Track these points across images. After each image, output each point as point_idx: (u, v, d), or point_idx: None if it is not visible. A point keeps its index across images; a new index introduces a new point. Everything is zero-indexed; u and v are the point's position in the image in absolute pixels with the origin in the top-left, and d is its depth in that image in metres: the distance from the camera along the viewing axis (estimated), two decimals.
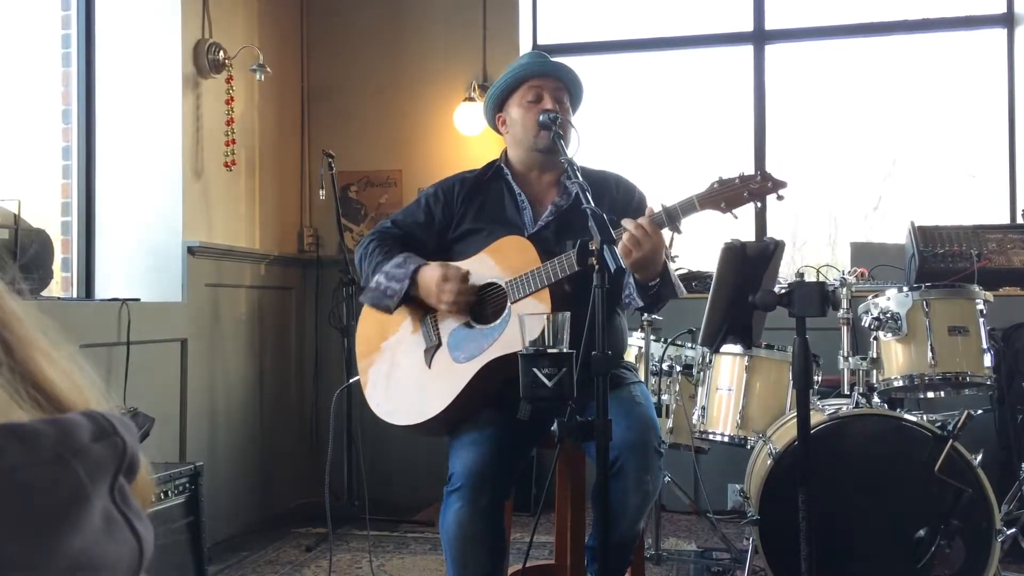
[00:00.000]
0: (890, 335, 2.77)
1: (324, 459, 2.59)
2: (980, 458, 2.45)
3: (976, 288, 2.80)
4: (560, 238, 2.14)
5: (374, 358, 2.27)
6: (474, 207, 2.28)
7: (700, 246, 4.12)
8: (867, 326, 2.82)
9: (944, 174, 4.48)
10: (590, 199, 1.86)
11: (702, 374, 3.12)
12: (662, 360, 3.18)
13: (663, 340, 3.26)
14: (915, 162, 4.57)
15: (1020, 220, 3.91)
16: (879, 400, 2.74)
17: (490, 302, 2.16)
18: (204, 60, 3.63)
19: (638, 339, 3.18)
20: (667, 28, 4.53)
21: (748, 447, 2.97)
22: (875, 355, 2.81)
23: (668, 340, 3.24)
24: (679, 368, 3.20)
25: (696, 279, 3.90)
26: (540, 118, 2.16)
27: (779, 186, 1.97)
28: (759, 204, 2.01)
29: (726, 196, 1.97)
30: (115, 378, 2.96)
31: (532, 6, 4.54)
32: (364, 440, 3.66)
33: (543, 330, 1.71)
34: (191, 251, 3.51)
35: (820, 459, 2.37)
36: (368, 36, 4.48)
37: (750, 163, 4.30)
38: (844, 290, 2.76)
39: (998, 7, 4.18)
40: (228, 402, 3.81)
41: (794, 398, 2.54)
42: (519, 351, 1.72)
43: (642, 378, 2.95)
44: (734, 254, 2.04)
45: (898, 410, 2.70)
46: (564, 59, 2.57)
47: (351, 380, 2.40)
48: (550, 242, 2.14)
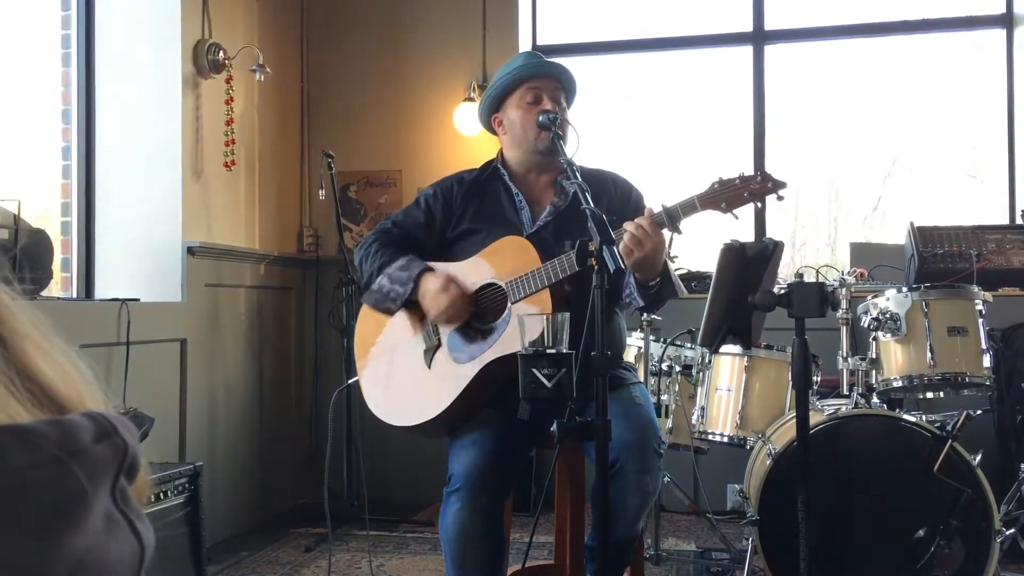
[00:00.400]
0: (889, 335, 2.77)
1: (323, 459, 2.59)
2: (979, 458, 2.45)
3: (975, 288, 2.80)
4: (559, 238, 2.14)
5: (374, 359, 2.27)
6: (472, 207, 2.28)
7: (700, 246, 4.12)
8: (866, 326, 2.82)
9: (943, 175, 4.48)
10: (589, 199, 1.86)
11: (701, 374, 3.12)
12: (661, 360, 3.18)
13: (662, 340, 3.26)
14: (914, 162, 4.57)
15: (1019, 221, 3.90)
16: (878, 400, 2.75)
17: (490, 302, 2.16)
18: (204, 60, 3.63)
19: (637, 339, 3.18)
20: (667, 28, 4.54)
21: (747, 447, 2.97)
22: (874, 355, 2.81)
23: (667, 340, 3.24)
24: (678, 368, 3.20)
25: (696, 279, 3.90)
26: (539, 119, 2.16)
27: (779, 186, 1.97)
28: (759, 204, 2.01)
29: (726, 196, 1.97)
30: (115, 378, 2.96)
31: (532, 6, 4.54)
32: (363, 440, 3.66)
33: (542, 331, 1.71)
34: (191, 251, 3.51)
35: (819, 459, 2.37)
36: (368, 36, 4.48)
37: (749, 163, 4.30)
38: (843, 290, 2.77)
39: (997, 7, 4.18)
40: (228, 402, 3.81)
41: (793, 398, 2.55)
42: (519, 352, 1.73)
43: (641, 378, 2.95)
44: (733, 254, 2.04)
45: (897, 410, 2.71)
46: (564, 59, 2.58)
47: (350, 380, 2.40)
48: (549, 242, 2.14)
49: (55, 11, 3.54)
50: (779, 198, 1.99)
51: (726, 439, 3.03)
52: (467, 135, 4.24)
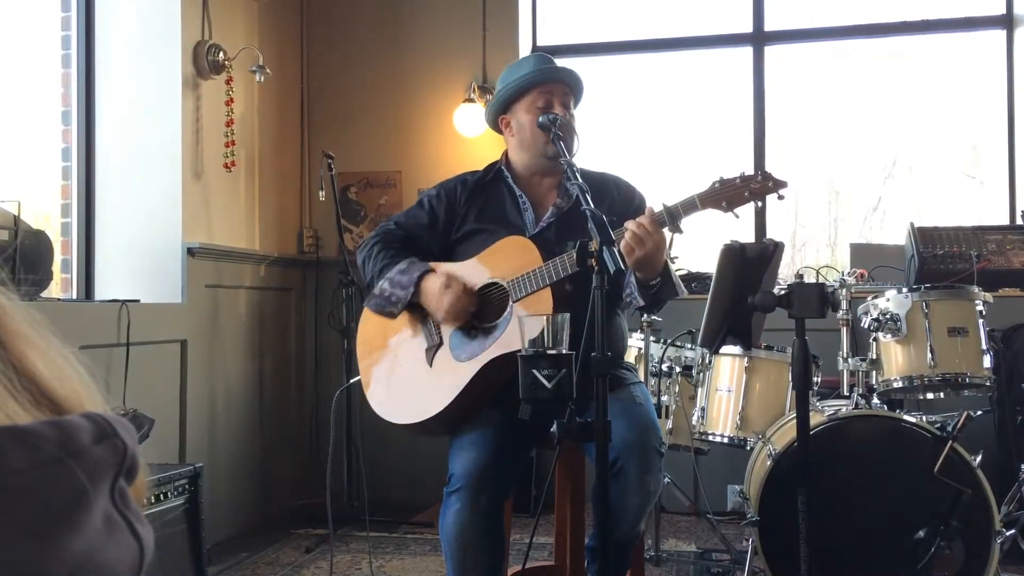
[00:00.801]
0: (889, 336, 2.77)
1: (323, 460, 2.59)
2: (979, 459, 2.45)
3: (976, 289, 2.80)
4: (561, 239, 2.14)
5: (375, 357, 2.27)
6: (476, 208, 2.29)
7: (700, 247, 4.12)
8: (867, 327, 2.82)
9: (944, 175, 4.48)
10: (590, 200, 1.87)
11: (702, 375, 3.12)
12: (662, 361, 3.18)
13: (663, 341, 3.26)
14: (915, 163, 4.57)
15: (1020, 221, 3.90)
16: (879, 401, 2.75)
17: (492, 301, 2.17)
18: (204, 61, 3.63)
19: (638, 340, 3.18)
20: (667, 29, 4.53)
21: (748, 448, 2.97)
22: (874, 356, 2.81)
23: (668, 341, 3.25)
24: (679, 369, 3.20)
25: (696, 280, 3.90)
26: (539, 119, 2.17)
27: (779, 186, 1.98)
28: (760, 204, 2.02)
29: (727, 195, 1.99)
30: (115, 379, 2.96)
31: (532, 7, 4.54)
32: (364, 441, 3.66)
33: (542, 331, 1.71)
34: (191, 252, 3.51)
35: (820, 460, 2.37)
36: (368, 37, 4.48)
37: (750, 164, 4.30)
38: (843, 291, 2.77)
39: (997, 8, 4.18)
40: (228, 403, 3.81)
41: (794, 399, 2.55)
42: (519, 352, 1.73)
43: (641, 379, 2.96)
44: (733, 255, 2.04)
45: (897, 411, 2.71)
46: (564, 60, 2.58)
47: (352, 380, 2.40)
48: (551, 243, 2.15)
49: (55, 12, 3.54)
50: (780, 197, 2.00)
51: (726, 440, 3.03)
52: (467, 136, 4.25)
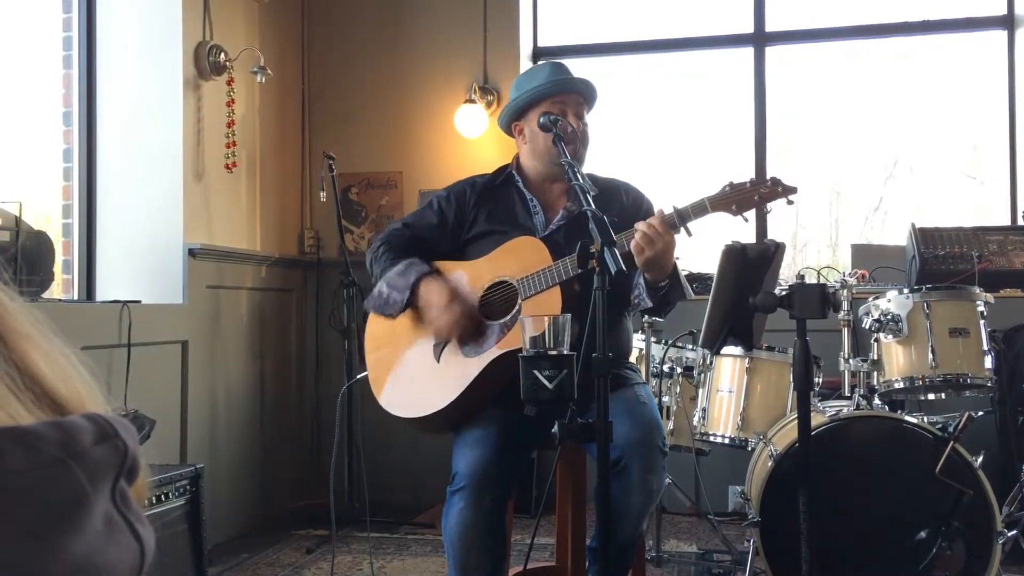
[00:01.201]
0: (891, 337, 2.76)
1: (324, 461, 2.59)
2: (981, 460, 2.45)
3: (977, 290, 2.79)
4: (571, 242, 2.16)
5: (383, 353, 2.29)
6: (486, 210, 2.32)
7: (701, 248, 4.12)
8: (868, 328, 2.82)
9: (945, 176, 4.48)
10: (590, 201, 1.88)
11: (703, 376, 3.12)
12: (663, 362, 3.18)
13: (664, 342, 3.26)
14: (916, 164, 4.57)
15: (1021, 222, 3.90)
16: (880, 402, 2.74)
17: (501, 299, 2.18)
18: (205, 62, 3.64)
19: (639, 341, 3.18)
20: (667, 30, 4.53)
21: (749, 449, 2.97)
22: (876, 357, 2.80)
23: (669, 342, 3.25)
24: (680, 370, 3.21)
25: (697, 281, 3.89)
26: (540, 120, 2.18)
27: (789, 191, 2.02)
28: (769, 209, 2.04)
29: (737, 199, 2.02)
30: (116, 380, 2.96)
31: (532, 8, 4.54)
32: (365, 442, 3.66)
33: (544, 332, 1.71)
34: (192, 253, 3.52)
35: (821, 461, 2.37)
36: (368, 38, 4.48)
37: (751, 164, 4.30)
38: (845, 292, 2.76)
39: (998, 9, 4.18)
40: (229, 404, 3.81)
41: (795, 400, 2.55)
42: (520, 353, 1.73)
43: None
44: (735, 256, 2.05)
45: (899, 412, 2.70)
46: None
47: (360, 376, 2.40)
48: (561, 246, 2.17)
49: (56, 13, 3.54)
50: (789, 203, 2.05)
51: (727, 440, 3.03)
52: (468, 137, 4.25)
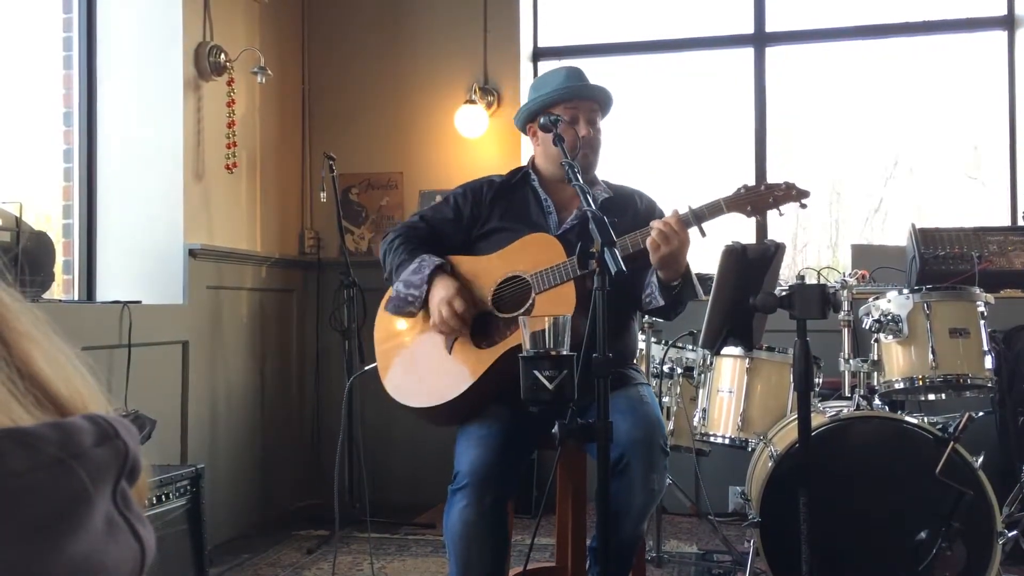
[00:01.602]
0: (891, 337, 2.76)
1: (324, 461, 2.59)
2: (981, 460, 2.45)
3: (977, 290, 2.79)
4: (583, 241, 2.17)
5: (393, 343, 2.30)
6: (500, 208, 2.34)
7: (701, 248, 4.11)
8: (868, 328, 2.82)
9: (945, 176, 4.48)
10: (591, 201, 1.90)
11: (703, 376, 3.12)
12: (663, 362, 3.18)
13: (664, 342, 3.26)
14: (916, 164, 4.57)
15: (1021, 222, 3.90)
16: (880, 402, 2.74)
17: (514, 293, 2.19)
18: (205, 63, 3.64)
19: (639, 341, 3.18)
20: (667, 30, 4.53)
21: (749, 449, 2.97)
22: (876, 357, 2.80)
23: (669, 342, 3.25)
24: (680, 370, 3.21)
25: (697, 281, 3.89)
26: (541, 120, 2.19)
27: (802, 195, 2.05)
28: (782, 213, 2.05)
29: (751, 201, 2.05)
30: (116, 380, 2.96)
31: (532, 8, 4.54)
32: (365, 442, 3.66)
33: (544, 332, 1.71)
34: (192, 253, 3.52)
35: (821, 461, 2.37)
36: (369, 39, 4.48)
37: (751, 164, 4.30)
38: (845, 292, 2.77)
39: (999, 9, 4.18)
40: (229, 404, 3.81)
41: (795, 400, 2.55)
42: (520, 353, 1.73)
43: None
44: (735, 256, 2.05)
45: (899, 412, 2.70)
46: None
47: (368, 367, 2.40)
48: (573, 245, 2.18)
49: (57, 13, 3.54)
50: (802, 206, 2.07)
51: (727, 441, 3.03)
52: (468, 137, 4.25)
